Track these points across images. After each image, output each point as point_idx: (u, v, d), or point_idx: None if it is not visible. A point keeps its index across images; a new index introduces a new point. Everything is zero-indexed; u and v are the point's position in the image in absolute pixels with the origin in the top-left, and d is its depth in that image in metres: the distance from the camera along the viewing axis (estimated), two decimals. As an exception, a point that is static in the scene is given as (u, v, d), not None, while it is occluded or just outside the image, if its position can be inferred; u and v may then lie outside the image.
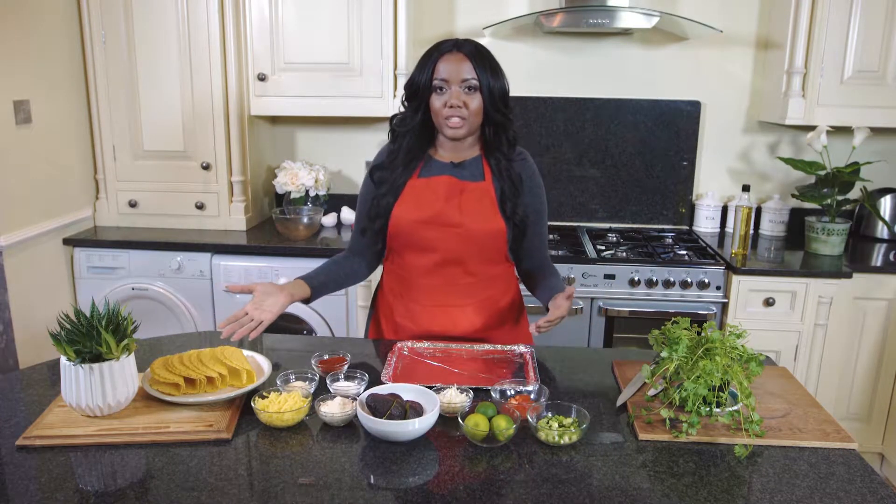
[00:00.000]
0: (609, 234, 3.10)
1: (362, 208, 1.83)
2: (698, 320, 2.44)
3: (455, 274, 1.76)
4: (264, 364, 1.53)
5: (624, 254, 2.80)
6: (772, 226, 3.11)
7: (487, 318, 1.81)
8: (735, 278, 2.64)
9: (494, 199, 1.73)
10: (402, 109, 1.78)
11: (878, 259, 2.83)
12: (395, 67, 2.86)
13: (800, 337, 2.68)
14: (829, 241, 2.79)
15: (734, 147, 3.21)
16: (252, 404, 1.36)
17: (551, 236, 2.98)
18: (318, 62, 2.88)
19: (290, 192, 3.09)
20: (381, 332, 1.89)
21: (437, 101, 1.68)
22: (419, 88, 1.70)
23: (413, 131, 1.75)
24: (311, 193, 3.10)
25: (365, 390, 1.42)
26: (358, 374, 1.48)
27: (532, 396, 1.44)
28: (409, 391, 1.39)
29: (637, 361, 1.65)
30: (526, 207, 1.76)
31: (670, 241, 3.03)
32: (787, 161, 2.92)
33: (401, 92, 2.80)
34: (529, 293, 1.89)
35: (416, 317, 1.81)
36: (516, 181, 1.74)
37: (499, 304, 1.83)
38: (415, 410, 1.31)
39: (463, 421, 1.29)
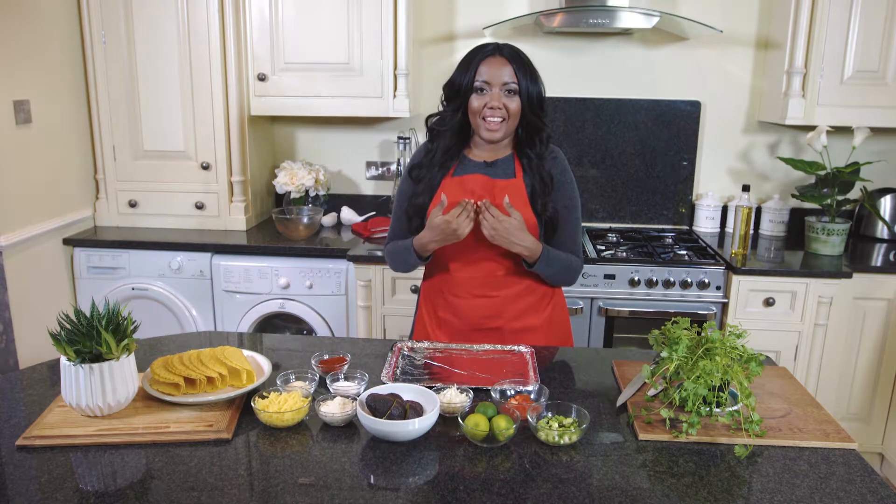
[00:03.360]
0: (609, 234, 3.09)
1: (400, 207, 1.90)
2: (698, 320, 2.45)
3: (492, 267, 1.82)
4: (264, 364, 1.53)
5: (624, 254, 2.80)
6: (772, 226, 3.11)
7: (527, 306, 1.85)
8: (735, 278, 2.64)
9: (526, 196, 1.79)
10: (441, 109, 1.84)
11: (878, 259, 2.83)
12: (395, 67, 2.86)
13: (800, 337, 2.67)
14: (829, 241, 2.78)
15: (734, 147, 3.21)
16: (252, 404, 1.36)
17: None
18: (318, 62, 2.88)
19: (290, 192, 3.09)
20: (426, 329, 1.93)
21: (476, 102, 1.74)
22: (461, 89, 1.76)
23: (451, 130, 1.81)
24: (311, 193, 3.10)
25: (365, 390, 1.42)
26: (358, 374, 1.49)
27: (532, 396, 1.44)
28: (409, 391, 1.39)
29: (637, 361, 1.65)
30: (556, 204, 1.80)
31: (670, 241, 3.03)
32: (787, 161, 2.92)
33: (401, 91, 2.86)
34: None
35: (457, 310, 1.86)
36: (547, 179, 1.80)
37: (536, 292, 1.87)
38: (415, 410, 1.31)
39: (463, 421, 1.29)
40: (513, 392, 1.45)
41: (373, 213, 3.27)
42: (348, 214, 3.22)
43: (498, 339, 1.80)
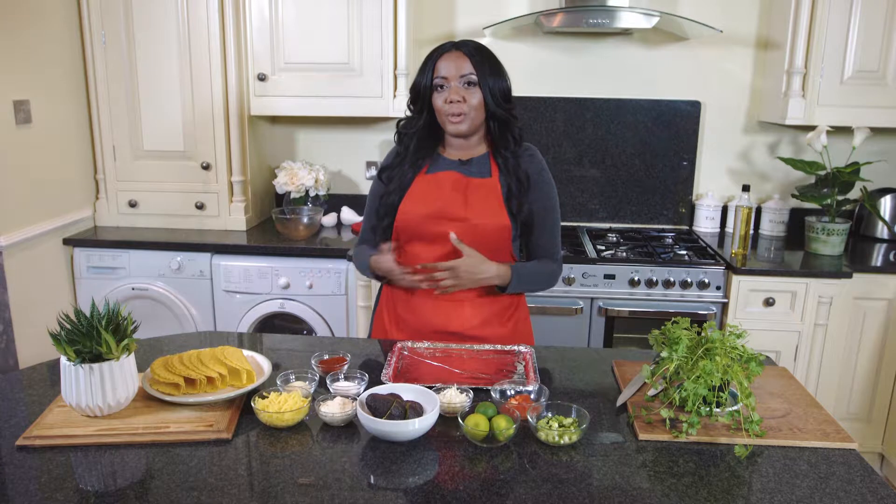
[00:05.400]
0: (609, 234, 3.09)
1: (371, 207, 1.89)
2: (698, 320, 2.45)
3: None
4: (264, 364, 1.53)
5: (624, 254, 2.80)
6: (772, 226, 3.11)
7: (489, 314, 1.82)
8: (735, 278, 2.64)
9: (500, 196, 1.76)
10: (408, 113, 1.82)
11: (878, 259, 2.83)
12: (395, 67, 2.86)
13: (800, 337, 2.67)
14: (829, 241, 2.79)
15: (734, 147, 3.21)
16: (252, 404, 1.36)
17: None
18: (318, 62, 2.88)
19: (290, 192, 3.09)
20: (384, 326, 1.91)
21: (438, 100, 1.73)
22: (421, 90, 1.75)
23: (418, 133, 1.80)
24: (311, 193, 3.10)
25: (365, 390, 1.42)
26: (358, 374, 1.48)
27: (532, 396, 1.44)
28: (409, 391, 1.39)
29: (637, 361, 1.65)
30: (532, 204, 1.78)
31: (670, 241, 3.03)
32: (787, 161, 2.92)
33: (401, 92, 2.86)
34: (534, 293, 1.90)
35: (417, 310, 1.83)
36: (523, 179, 1.77)
37: (500, 302, 1.84)
38: (415, 410, 1.31)
39: (463, 421, 1.29)
40: (513, 392, 1.45)
41: (373, 213, 3.26)
42: (348, 214, 3.23)
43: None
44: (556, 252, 1.86)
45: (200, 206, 3.00)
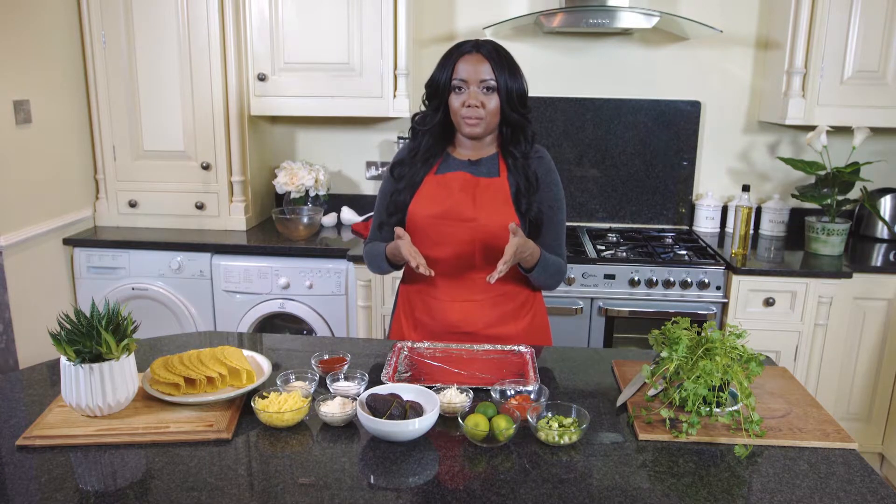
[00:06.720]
0: (609, 234, 3.09)
1: (381, 203, 1.89)
2: (698, 320, 2.45)
3: (470, 268, 1.79)
4: (264, 364, 1.53)
5: (624, 254, 2.80)
6: (772, 226, 3.11)
7: (504, 313, 1.83)
8: (735, 278, 2.64)
9: (508, 195, 1.77)
10: (423, 108, 1.82)
11: (878, 259, 2.83)
12: (395, 67, 2.86)
13: (800, 337, 2.67)
14: (829, 241, 2.79)
15: (734, 147, 3.21)
16: (252, 404, 1.36)
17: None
18: (318, 62, 2.88)
19: (290, 192, 3.09)
20: (402, 329, 1.91)
21: (455, 101, 1.73)
22: (439, 88, 1.75)
23: (432, 130, 1.80)
24: (311, 193, 3.10)
25: (365, 390, 1.42)
26: (358, 374, 1.49)
27: (532, 396, 1.44)
28: (409, 391, 1.39)
29: (637, 361, 1.65)
30: (541, 204, 1.78)
31: (670, 241, 3.03)
32: (787, 161, 2.92)
33: (401, 92, 2.86)
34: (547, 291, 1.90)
35: (434, 312, 1.83)
36: (532, 179, 1.77)
37: (516, 299, 1.84)
38: (415, 410, 1.31)
39: (463, 421, 1.29)
40: (513, 392, 1.45)
41: (373, 213, 3.26)
42: (348, 214, 3.23)
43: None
44: (562, 253, 1.86)
45: (200, 206, 3.00)
